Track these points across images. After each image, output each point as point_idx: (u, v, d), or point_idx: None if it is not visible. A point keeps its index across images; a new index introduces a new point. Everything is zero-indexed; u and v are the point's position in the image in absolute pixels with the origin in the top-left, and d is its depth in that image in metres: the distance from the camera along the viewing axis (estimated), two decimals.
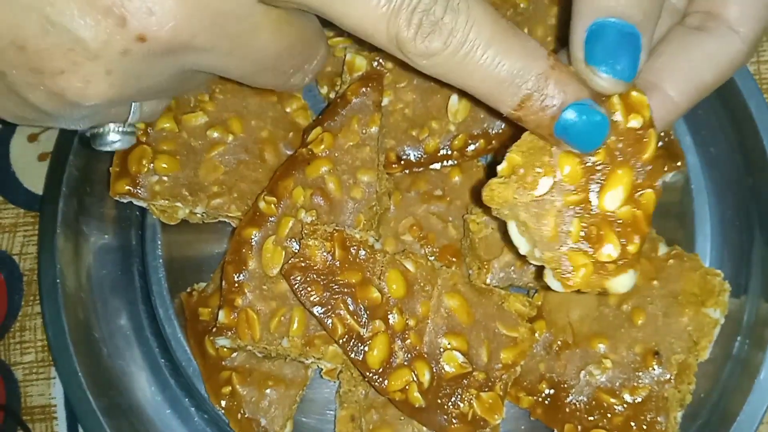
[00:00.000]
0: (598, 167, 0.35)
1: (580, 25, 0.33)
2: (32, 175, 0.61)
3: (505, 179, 0.36)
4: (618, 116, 0.35)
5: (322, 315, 0.45)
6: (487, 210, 0.43)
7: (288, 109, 0.55)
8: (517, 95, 0.33)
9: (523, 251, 0.38)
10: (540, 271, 0.37)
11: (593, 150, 0.35)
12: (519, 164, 0.36)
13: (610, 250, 0.35)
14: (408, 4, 0.31)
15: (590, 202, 0.35)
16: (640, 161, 0.35)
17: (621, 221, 0.35)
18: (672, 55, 0.37)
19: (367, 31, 0.32)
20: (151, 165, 0.51)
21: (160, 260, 0.55)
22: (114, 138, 0.41)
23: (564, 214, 0.35)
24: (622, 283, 0.36)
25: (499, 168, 0.36)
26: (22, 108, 0.36)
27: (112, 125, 0.41)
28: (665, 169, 0.54)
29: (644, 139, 0.35)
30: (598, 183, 0.35)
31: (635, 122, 0.35)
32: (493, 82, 0.33)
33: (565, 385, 0.49)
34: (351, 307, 0.46)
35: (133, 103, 0.39)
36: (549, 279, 0.37)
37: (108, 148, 0.42)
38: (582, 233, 0.35)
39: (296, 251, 0.47)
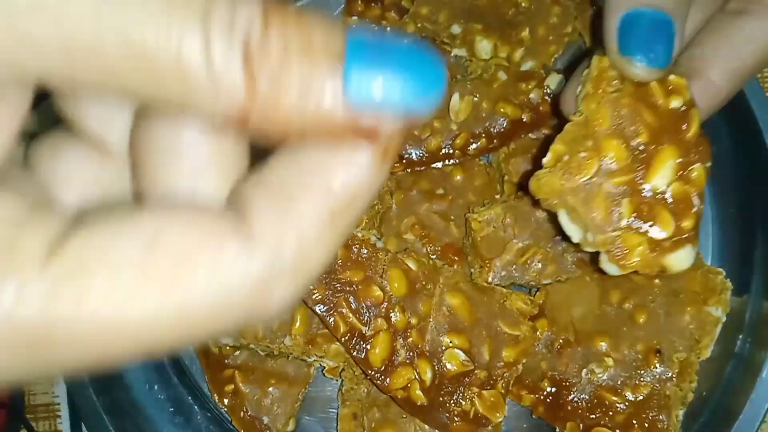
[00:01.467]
0: (642, 147, 0.35)
1: (612, 17, 0.32)
2: None
3: (550, 169, 0.36)
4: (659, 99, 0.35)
5: (324, 313, 0.46)
6: (489, 208, 0.44)
7: None
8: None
9: (576, 239, 0.37)
10: (594, 258, 0.37)
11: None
12: (563, 152, 0.36)
13: (664, 228, 0.35)
14: None
15: (638, 181, 0.35)
16: (684, 140, 0.35)
17: (672, 198, 0.35)
18: (712, 40, 0.36)
19: None
20: None
21: None
22: None
23: (613, 196, 0.35)
24: (680, 259, 0.35)
25: (544, 160, 0.36)
26: None
27: None
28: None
29: (686, 119, 0.35)
30: (644, 163, 0.35)
31: (676, 103, 0.35)
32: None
33: (567, 384, 0.49)
34: (353, 306, 0.46)
35: None
36: (604, 264, 0.36)
37: None
38: (634, 213, 0.35)
39: None
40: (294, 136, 0.16)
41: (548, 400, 0.49)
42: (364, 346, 0.46)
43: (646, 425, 0.47)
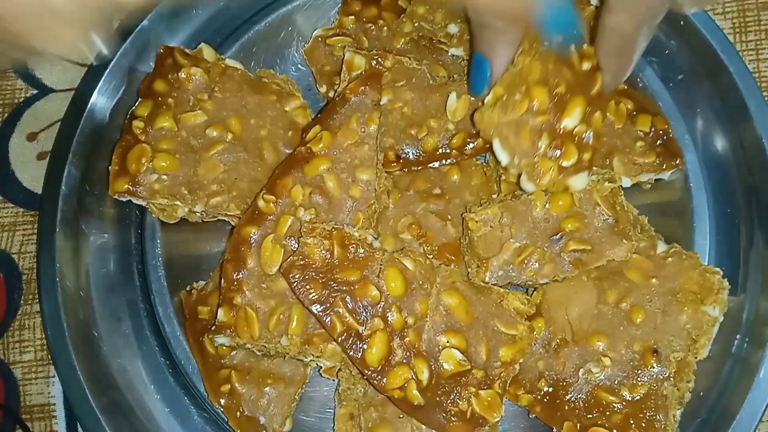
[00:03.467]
0: (560, 96, 0.46)
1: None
2: (31, 174, 0.61)
3: (491, 107, 0.47)
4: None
5: (321, 313, 0.45)
6: (484, 206, 0.45)
7: (287, 108, 0.55)
8: None
9: (504, 162, 0.48)
10: (517, 180, 0.48)
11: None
12: (501, 94, 0.47)
13: (570, 157, 0.46)
14: None
15: (555, 121, 0.46)
16: (590, 93, 0.46)
17: (577, 136, 0.46)
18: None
19: None
20: (151, 164, 0.51)
21: (160, 259, 0.55)
22: None
23: (536, 130, 0.46)
24: (578, 181, 0.47)
25: (486, 99, 0.48)
26: None
27: None
28: (664, 167, 0.54)
29: (593, 78, 0.46)
30: (561, 107, 0.46)
31: (587, 65, 0.46)
32: None
33: (564, 383, 0.49)
34: (350, 305, 0.46)
35: None
36: (524, 183, 0.47)
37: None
38: (550, 144, 0.46)
39: (295, 249, 0.47)
40: None
41: (545, 400, 0.49)
42: (360, 345, 0.45)
43: (644, 425, 0.47)
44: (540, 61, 0.46)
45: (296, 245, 0.48)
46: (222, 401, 0.50)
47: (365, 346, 0.45)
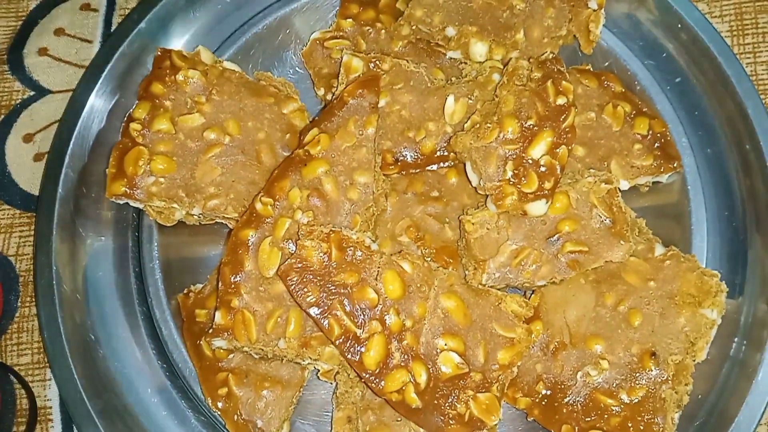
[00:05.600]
0: (531, 127, 0.50)
1: None
2: (28, 175, 0.61)
3: (467, 131, 0.51)
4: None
5: (319, 316, 0.45)
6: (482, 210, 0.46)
7: (285, 111, 0.55)
8: None
9: (474, 183, 0.52)
10: (485, 200, 0.51)
11: None
12: (478, 121, 0.51)
13: (530, 186, 0.49)
14: None
15: (522, 150, 0.49)
16: (561, 127, 0.50)
17: (542, 166, 0.49)
18: None
19: None
20: (148, 166, 0.51)
21: (157, 262, 0.55)
22: None
23: (503, 158, 0.49)
24: (536, 207, 0.49)
25: (465, 125, 0.52)
26: None
27: None
28: (661, 170, 0.54)
29: (567, 113, 0.50)
30: (528, 138, 0.49)
31: (561, 101, 0.50)
32: None
33: (562, 386, 0.48)
34: (347, 308, 0.46)
35: None
36: (489, 203, 0.50)
37: None
38: (514, 171, 0.49)
39: (293, 252, 0.47)
40: None
41: (543, 403, 0.49)
42: (358, 348, 0.45)
43: (642, 428, 0.47)
44: (515, 94, 0.50)
45: (294, 248, 0.47)
46: (219, 405, 0.50)
47: (363, 349, 0.45)
